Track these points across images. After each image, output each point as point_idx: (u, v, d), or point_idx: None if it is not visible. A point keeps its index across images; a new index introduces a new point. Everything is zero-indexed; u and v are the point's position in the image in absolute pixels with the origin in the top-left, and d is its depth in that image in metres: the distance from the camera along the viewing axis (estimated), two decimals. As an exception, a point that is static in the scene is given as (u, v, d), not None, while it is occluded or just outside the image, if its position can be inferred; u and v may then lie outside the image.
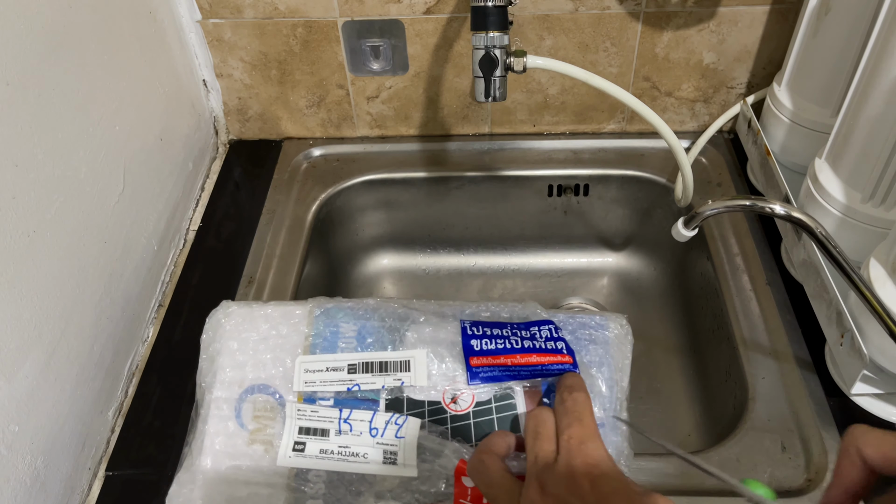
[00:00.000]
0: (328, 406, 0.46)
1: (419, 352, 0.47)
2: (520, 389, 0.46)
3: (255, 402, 0.47)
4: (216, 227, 0.81)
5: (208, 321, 0.51)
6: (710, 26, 0.79)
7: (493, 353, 0.47)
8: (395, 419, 0.45)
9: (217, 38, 0.82)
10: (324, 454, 0.45)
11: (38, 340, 0.54)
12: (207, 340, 0.50)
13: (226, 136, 0.92)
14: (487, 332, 0.48)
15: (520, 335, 0.48)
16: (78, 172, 0.60)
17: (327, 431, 0.45)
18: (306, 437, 0.45)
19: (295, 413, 0.46)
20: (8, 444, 0.50)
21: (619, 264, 0.95)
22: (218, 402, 0.47)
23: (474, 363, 0.46)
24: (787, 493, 0.55)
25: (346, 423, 0.46)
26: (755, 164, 0.80)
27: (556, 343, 0.47)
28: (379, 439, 0.45)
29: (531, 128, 0.90)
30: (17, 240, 0.52)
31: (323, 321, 0.50)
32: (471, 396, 0.46)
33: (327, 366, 0.48)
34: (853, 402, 0.59)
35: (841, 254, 0.51)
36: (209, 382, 0.48)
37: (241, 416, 0.47)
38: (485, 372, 0.46)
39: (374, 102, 0.87)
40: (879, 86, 0.57)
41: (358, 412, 0.46)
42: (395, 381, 0.46)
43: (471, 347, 0.47)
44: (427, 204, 0.91)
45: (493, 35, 0.63)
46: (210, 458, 0.45)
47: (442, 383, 0.47)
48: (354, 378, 0.47)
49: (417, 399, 0.46)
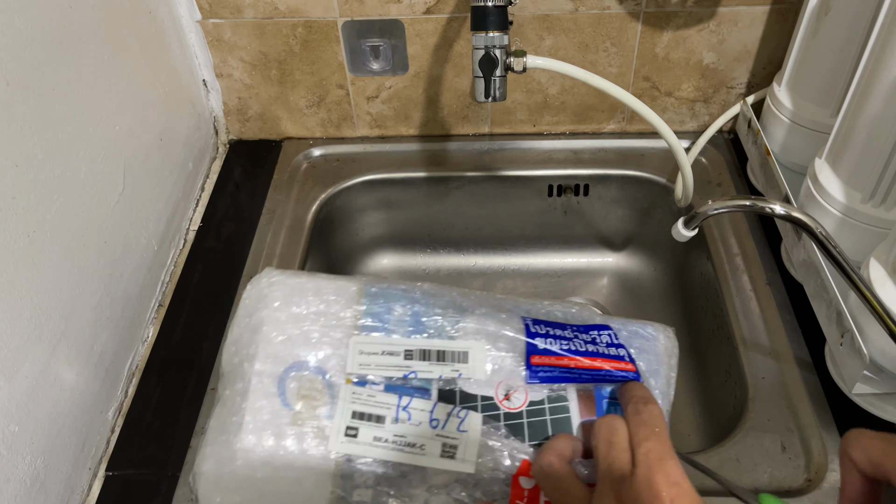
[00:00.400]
0: (381, 391, 0.44)
1: (477, 343, 0.45)
2: (574, 393, 0.45)
3: (300, 380, 0.44)
4: (216, 227, 0.81)
5: (250, 287, 0.47)
6: (710, 26, 0.79)
7: (556, 353, 0.45)
8: (457, 412, 0.43)
9: (217, 38, 0.82)
10: (377, 441, 0.42)
11: (38, 340, 0.54)
12: (249, 308, 0.46)
13: (226, 136, 0.92)
14: (550, 332, 0.46)
15: (582, 338, 0.46)
16: (78, 172, 0.60)
17: (383, 418, 0.43)
18: (360, 422, 0.43)
19: (350, 396, 0.43)
20: (8, 444, 0.50)
21: (619, 264, 0.95)
22: (261, 377, 0.43)
23: (535, 361, 0.45)
24: (787, 493, 0.55)
25: (404, 412, 0.43)
26: (755, 164, 0.80)
27: (618, 350, 0.46)
28: (439, 431, 0.43)
29: (531, 128, 0.90)
30: (17, 240, 0.52)
31: (376, 300, 0.46)
32: (524, 394, 0.44)
33: (383, 349, 0.45)
34: (853, 402, 0.59)
35: (841, 254, 0.51)
36: (248, 354, 0.44)
37: (285, 395, 0.43)
38: (545, 371, 0.44)
39: (374, 102, 0.87)
40: (879, 86, 0.57)
41: (418, 401, 0.43)
42: (453, 371, 0.44)
43: (534, 346, 0.45)
44: (427, 204, 0.91)
45: (493, 35, 0.63)
46: (252, 435, 0.42)
47: (496, 378, 0.45)
48: (411, 365, 0.44)
49: (470, 392, 0.44)
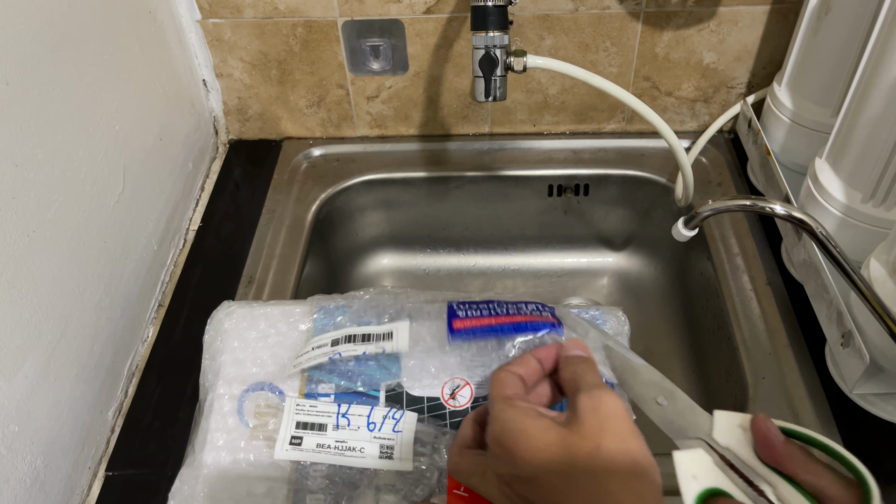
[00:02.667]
0: (328, 402, 0.47)
1: (402, 323, 0.48)
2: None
3: (256, 398, 0.48)
4: (216, 227, 0.81)
5: (210, 322, 0.52)
6: (710, 26, 0.79)
7: (477, 317, 0.47)
8: (392, 413, 0.46)
9: (217, 38, 0.82)
10: (321, 448, 0.45)
11: (38, 340, 0.54)
12: (209, 340, 0.51)
13: (226, 136, 0.92)
14: (473, 307, 0.48)
15: (506, 307, 0.48)
16: (78, 172, 0.60)
17: (325, 426, 0.46)
18: (303, 432, 0.46)
19: (294, 408, 0.47)
20: (8, 445, 0.50)
21: (620, 264, 0.95)
22: (220, 400, 0.48)
23: (456, 325, 0.46)
24: (788, 493, 0.55)
25: (343, 418, 0.46)
26: (755, 163, 0.80)
27: (541, 311, 0.48)
28: (376, 433, 0.45)
29: (531, 128, 0.90)
30: (17, 240, 0.52)
31: (322, 320, 0.50)
32: (469, 392, 0.46)
33: (313, 346, 0.48)
34: (854, 402, 0.59)
35: (841, 254, 0.51)
36: (211, 381, 0.49)
37: (242, 413, 0.47)
38: (466, 332, 0.46)
39: (373, 102, 0.87)
40: (880, 85, 0.57)
41: (357, 407, 0.46)
42: (377, 348, 0.47)
43: (455, 314, 0.47)
44: (427, 204, 0.91)
45: (494, 35, 0.63)
46: (212, 454, 0.46)
47: (438, 378, 0.47)
48: (337, 349, 0.47)
49: (416, 395, 0.46)
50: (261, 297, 0.72)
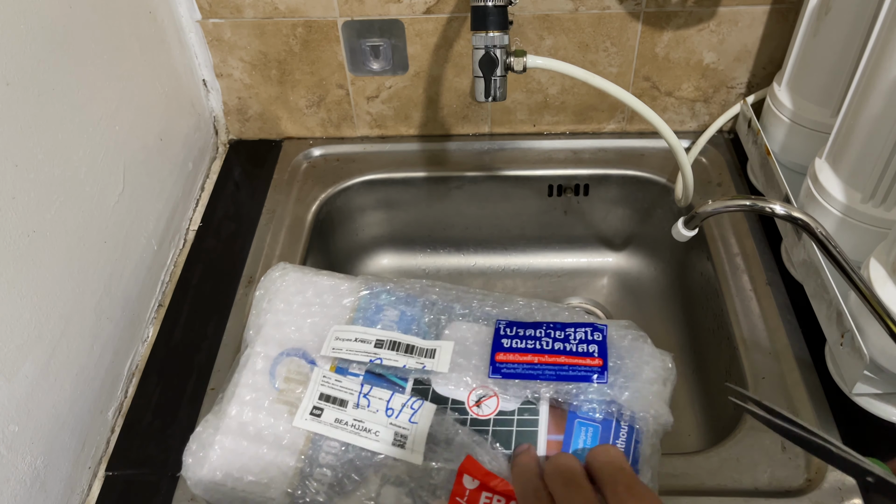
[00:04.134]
0: (354, 379, 0.47)
1: (447, 344, 0.48)
2: (546, 408, 0.46)
3: (289, 364, 0.48)
4: (216, 227, 0.81)
5: (263, 279, 0.53)
6: (710, 26, 0.79)
7: (521, 350, 0.47)
8: (411, 403, 0.46)
9: (217, 38, 0.82)
10: (338, 423, 0.45)
11: (38, 340, 0.54)
12: (259, 297, 0.52)
13: (226, 136, 0.92)
14: (520, 333, 0.48)
15: (553, 335, 0.48)
16: (78, 172, 0.60)
17: (346, 402, 0.46)
18: (325, 404, 0.46)
19: (320, 379, 0.47)
20: (8, 444, 0.50)
21: (619, 264, 0.95)
22: (255, 357, 0.49)
23: (499, 358, 0.47)
24: (787, 493, 0.55)
25: (364, 398, 0.46)
26: (755, 163, 0.80)
27: (588, 346, 0.47)
28: (393, 420, 0.45)
29: (531, 128, 0.90)
30: (17, 240, 0.52)
31: (368, 300, 0.51)
32: (495, 403, 0.46)
33: (356, 336, 0.49)
34: (853, 402, 0.59)
35: (841, 254, 0.51)
36: (252, 337, 0.50)
37: (274, 375, 0.48)
38: (507, 368, 0.46)
39: (373, 102, 0.87)
40: (879, 85, 0.57)
41: (378, 390, 0.47)
42: (418, 363, 0.47)
43: (500, 345, 0.48)
44: (427, 204, 0.91)
45: (493, 35, 0.63)
46: (237, 407, 0.47)
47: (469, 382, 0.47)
48: (379, 353, 0.48)
49: (442, 394, 0.47)
50: (261, 297, 0.72)
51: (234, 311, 0.71)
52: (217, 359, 0.67)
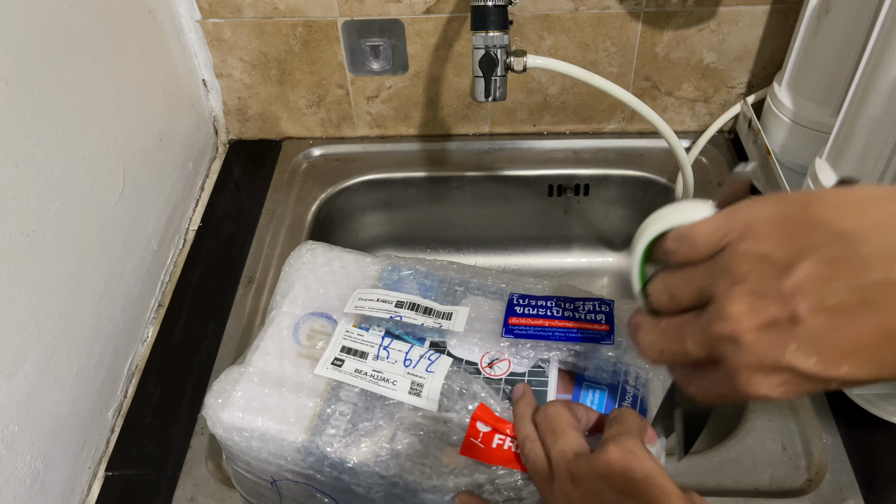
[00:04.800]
0: (376, 333, 0.50)
1: (463, 308, 0.52)
2: (555, 371, 0.48)
3: (313, 323, 0.51)
4: (216, 226, 0.81)
5: (293, 254, 0.56)
6: (710, 26, 0.79)
7: (533, 316, 0.50)
8: (428, 355, 0.49)
9: (217, 38, 0.82)
10: (358, 373, 0.48)
11: (38, 340, 0.54)
12: (287, 271, 0.55)
13: (225, 136, 0.92)
14: (532, 303, 0.52)
15: (563, 306, 0.51)
16: (77, 172, 0.60)
17: (366, 354, 0.49)
18: (346, 356, 0.49)
19: (343, 333, 0.50)
20: (7, 445, 0.50)
21: (620, 264, 0.95)
22: (281, 316, 0.52)
23: (512, 321, 0.50)
24: (788, 493, 0.55)
25: (384, 350, 0.49)
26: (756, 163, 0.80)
27: (596, 315, 0.50)
28: (410, 370, 0.48)
29: (531, 127, 0.90)
30: (17, 240, 0.52)
31: (391, 272, 0.54)
32: (507, 365, 0.49)
33: (378, 297, 0.52)
34: (854, 402, 0.59)
35: (841, 254, 0.51)
36: (278, 302, 0.53)
37: (297, 333, 0.51)
38: (520, 329, 0.50)
39: (373, 102, 0.87)
40: (880, 85, 0.56)
41: (398, 343, 0.49)
42: (435, 323, 0.50)
43: (513, 311, 0.51)
44: (427, 204, 0.90)
45: (494, 35, 0.63)
46: (261, 358, 0.49)
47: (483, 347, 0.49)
48: (399, 312, 0.51)
49: (457, 355, 0.49)
50: (260, 297, 0.72)
51: (233, 311, 0.71)
52: (217, 359, 0.67)
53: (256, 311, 0.71)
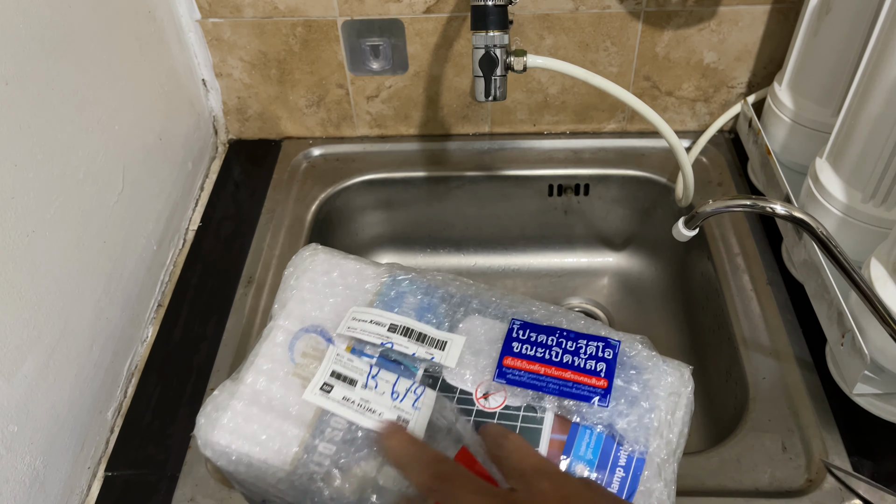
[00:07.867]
0: (366, 360, 0.49)
1: (459, 338, 0.50)
2: (552, 414, 0.46)
3: (308, 340, 0.50)
4: (216, 226, 0.81)
5: (295, 258, 0.55)
6: (710, 26, 0.79)
7: (529, 358, 0.48)
8: (414, 388, 0.47)
9: (216, 38, 0.82)
10: (346, 401, 0.47)
11: (37, 340, 0.54)
12: (289, 274, 0.54)
13: (225, 136, 0.92)
14: (532, 338, 0.49)
15: (564, 346, 0.48)
16: (77, 172, 0.60)
17: (355, 382, 0.48)
18: (336, 381, 0.48)
19: (335, 357, 0.49)
20: (7, 445, 0.50)
21: (620, 264, 0.95)
22: (277, 330, 0.51)
23: (506, 363, 0.48)
24: (788, 493, 0.55)
25: (372, 379, 0.48)
26: (756, 163, 0.80)
27: (596, 364, 0.47)
28: (397, 403, 0.47)
29: (531, 127, 0.90)
30: (16, 240, 0.52)
31: (390, 286, 0.53)
32: (502, 398, 0.47)
33: (372, 318, 0.50)
34: (854, 403, 0.59)
35: (842, 254, 0.51)
36: (277, 311, 0.52)
37: (293, 350, 0.50)
38: (513, 374, 0.47)
39: (373, 102, 0.87)
40: (880, 85, 0.56)
41: (385, 373, 0.48)
42: (427, 353, 0.49)
43: (510, 348, 0.49)
44: (427, 204, 0.90)
45: (494, 34, 0.63)
46: (254, 375, 0.48)
47: (478, 377, 0.48)
48: (391, 337, 0.49)
49: (451, 384, 0.48)
50: (260, 297, 0.72)
51: (233, 311, 0.71)
52: (216, 359, 0.67)
53: (256, 311, 0.71)
